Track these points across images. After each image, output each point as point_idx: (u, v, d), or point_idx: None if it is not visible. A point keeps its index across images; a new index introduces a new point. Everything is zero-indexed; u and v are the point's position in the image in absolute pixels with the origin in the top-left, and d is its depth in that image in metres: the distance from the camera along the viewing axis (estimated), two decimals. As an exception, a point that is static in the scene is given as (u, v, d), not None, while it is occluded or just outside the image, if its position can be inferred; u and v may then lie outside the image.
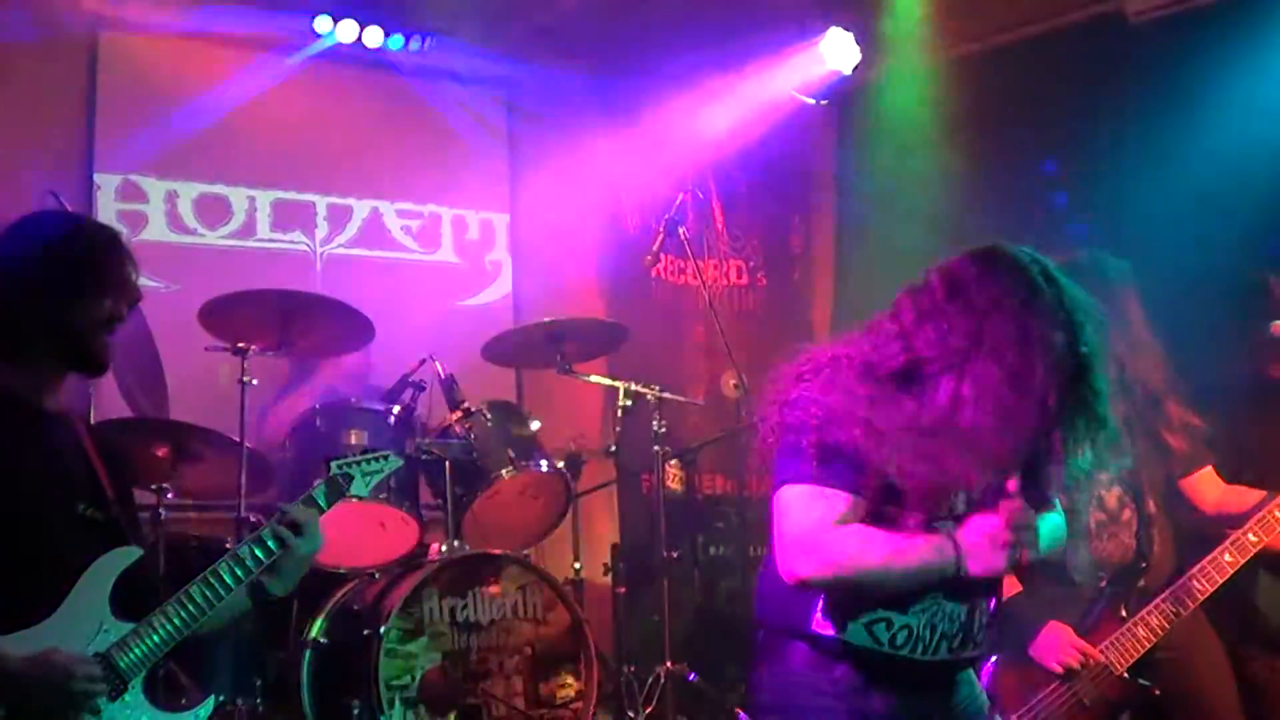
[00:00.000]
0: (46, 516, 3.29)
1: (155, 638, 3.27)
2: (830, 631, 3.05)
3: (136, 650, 3.24)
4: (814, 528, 2.95)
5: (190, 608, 3.32)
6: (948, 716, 3.17)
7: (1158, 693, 4.36)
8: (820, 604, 3.06)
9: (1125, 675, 4.32)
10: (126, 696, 3.23)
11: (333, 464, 3.80)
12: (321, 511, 3.64)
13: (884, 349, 3.04)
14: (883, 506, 3.00)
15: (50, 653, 3.11)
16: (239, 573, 3.40)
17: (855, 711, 3.05)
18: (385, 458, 3.93)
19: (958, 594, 3.06)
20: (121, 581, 3.32)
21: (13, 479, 3.25)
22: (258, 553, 3.44)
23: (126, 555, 3.35)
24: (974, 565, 2.95)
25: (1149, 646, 4.34)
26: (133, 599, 3.33)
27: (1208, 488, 4.71)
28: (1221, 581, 4.37)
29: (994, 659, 4.25)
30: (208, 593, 3.34)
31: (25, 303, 3.36)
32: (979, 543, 2.95)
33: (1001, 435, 2.90)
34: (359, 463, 3.84)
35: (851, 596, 3.01)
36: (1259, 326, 4.95)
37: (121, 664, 3.22)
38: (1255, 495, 4.57)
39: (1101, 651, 4.28)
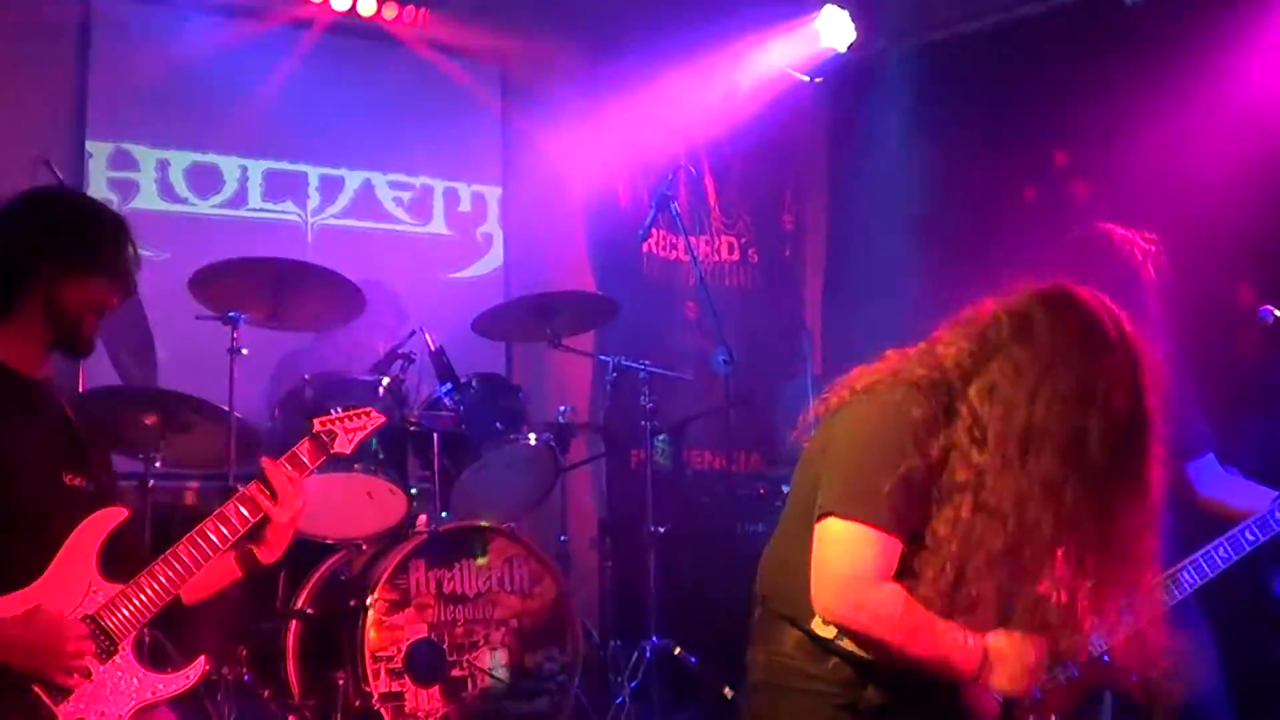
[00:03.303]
0: (34, 485, 3.31)
1: (143, 598, 3.29)
2: (830, 634, 3.01)
3: (125, 611, 3.26)
4: (864, 575, 2.87)
5: (177, 566, 3.33)
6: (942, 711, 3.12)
7: (1135, 678, 4.38)
8: None
9: (1105, 659, 4.33)
10: (117, 658, 3.26)
11: (315, 421, 3.79)
12: (306, 471, 3.64)
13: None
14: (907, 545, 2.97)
15: (37, 614, 3.14)
16: (225, 531, 3.42)
17: (849, 701, 3.03)
18: (368, 414, 3.88)
19: None
20: (109, 543, 3.34)
21: (2, 449, 3.27)
22: (243, 511, 3.46)
23: (113, 516, 3.37)
24: (997, 680, 2.92)
25: (1133, 630, 4.35)
26: (120, 561, 3.35)
27: (1205, 475, 4.71)
28: (1212, 575, 4.38)
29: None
30: (194, 552, 3.36)
31: (20, 273, 3.39)
32: (1011, 663, 2.93)
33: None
34: (342, 420, 3.81)
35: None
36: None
37: (111, 625, 3.24)
38: (1251, 490, 4.59)
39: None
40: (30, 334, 3.43)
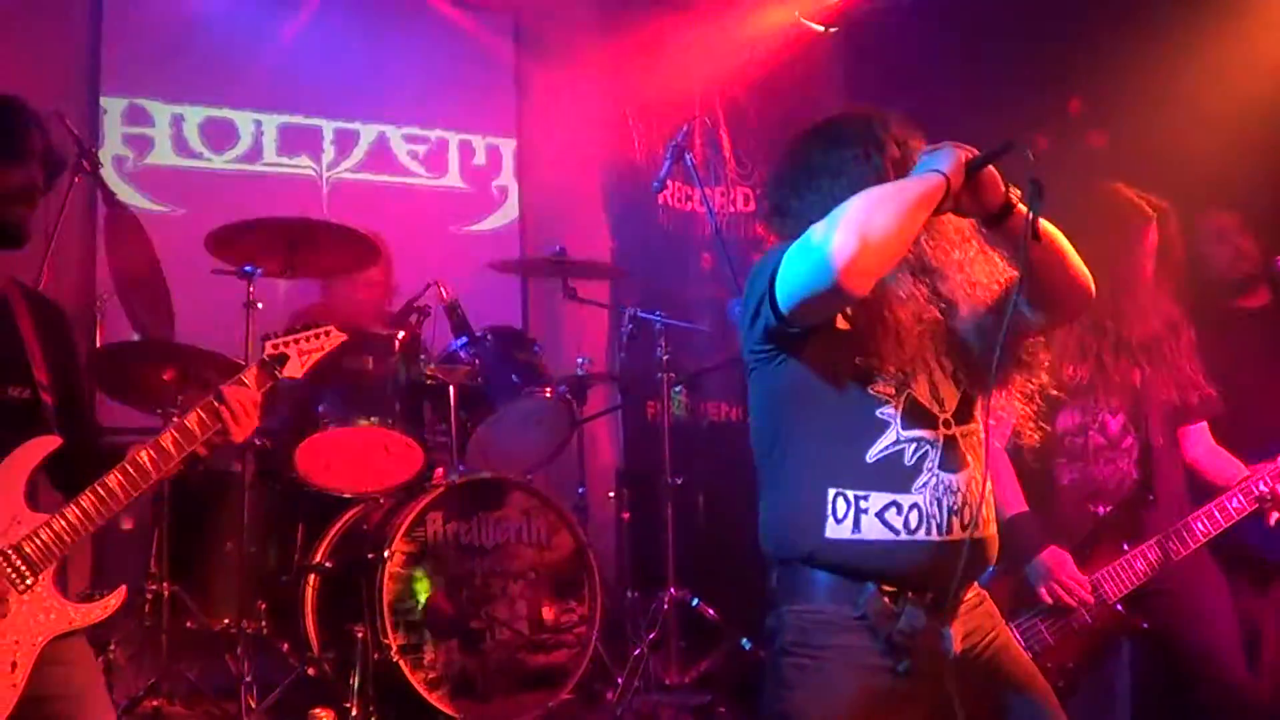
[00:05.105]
0: None
1: (66, 527, 3.26)
2: (847, 534, 3.01)
3: (47, 541, 3.24)
4: (816, 237, 2.96)
5: (104, 495, 3.30)
6: (971, 637, 3.13)
7: (1146, 626, 4.40)
8: (831, 505, 3.03)
9: (1118, 607, 4.35)
10: (37, 588, 3.24)
11: (266, 344, 3.69)
12: (254, 393, 3.56)
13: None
14: None
15: None
16: (159, 460, 3.38)
17: (883, 642, 3.01)
18: (326, 332, 3.78)
19: (950, 465, 3.06)
20: (48, 470, 3.34)
21: None
22: (204, 420, 3.42)
23: (45, 444, 3.35)
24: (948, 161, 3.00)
25: (1145, 580, 4.36)
26: (56, 488, 3.36)
27: (1192, 441, 4.72)
28: (1225, 526, 4.39)
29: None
30: (125, 482, 3.32)
31: None
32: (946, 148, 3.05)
33: None
34: (297, 340, 3.72)
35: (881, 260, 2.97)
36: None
37: (31, 555, 3.23)
38: (1234, 465, 4.60)
39: (1097, 581, 4.31)
40: None
